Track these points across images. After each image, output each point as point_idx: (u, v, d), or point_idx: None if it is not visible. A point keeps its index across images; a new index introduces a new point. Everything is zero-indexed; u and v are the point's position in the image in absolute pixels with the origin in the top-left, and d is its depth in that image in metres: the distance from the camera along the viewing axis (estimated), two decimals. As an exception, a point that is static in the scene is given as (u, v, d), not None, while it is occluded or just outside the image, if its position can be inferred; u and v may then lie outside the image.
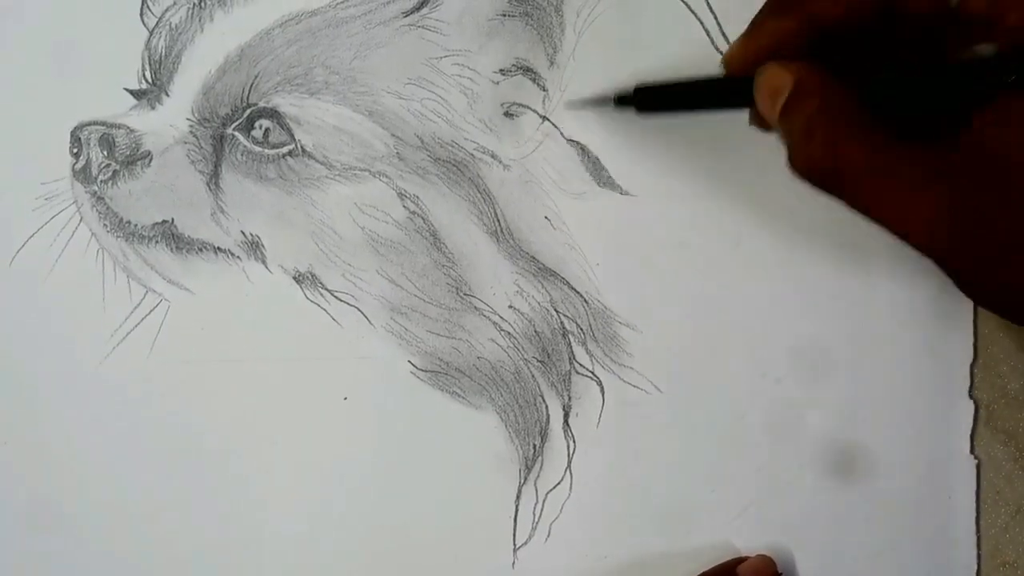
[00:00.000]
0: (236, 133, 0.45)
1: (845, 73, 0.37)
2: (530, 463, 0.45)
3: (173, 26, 0.45)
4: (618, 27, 0.45)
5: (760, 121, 0.39)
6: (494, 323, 0.45)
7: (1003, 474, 0.45)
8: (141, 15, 0.46)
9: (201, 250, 0.46)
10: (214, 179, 0.45)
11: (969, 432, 0.45)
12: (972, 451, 0.45)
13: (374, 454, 0.46)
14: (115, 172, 0.45)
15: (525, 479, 0.45)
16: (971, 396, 0.45)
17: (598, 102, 0.44)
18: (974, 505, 0.45)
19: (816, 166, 0.36)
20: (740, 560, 0.45)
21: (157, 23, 0.45)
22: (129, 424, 0.46)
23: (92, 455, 0.46)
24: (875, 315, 0.45)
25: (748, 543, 0.45)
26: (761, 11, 0.39)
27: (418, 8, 0.45)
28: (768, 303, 0.45)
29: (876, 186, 0.35)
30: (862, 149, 0.35)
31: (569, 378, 0.45)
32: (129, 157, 0.45)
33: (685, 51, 0.45)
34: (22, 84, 0.46)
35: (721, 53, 0.45)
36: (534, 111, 0.45)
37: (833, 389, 0.45)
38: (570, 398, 0.45)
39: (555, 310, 0.45)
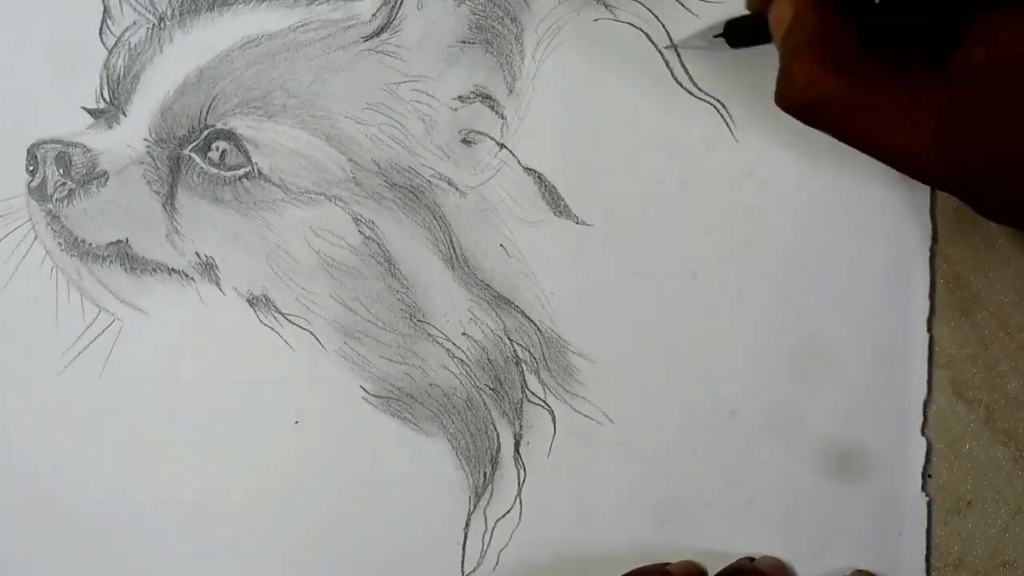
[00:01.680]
0: (193, 154, 0.45)
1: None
2: (480, 491, 0.45)
3: (132, 46, 0.45)
4: (578, 56, 0.45)
5: None
6: (447, 350, 0.45)
7: (1003, 474, 0.44)
8: (100, 34, 0.46)
9: (155, 271, 0.46)
10: (170, 200, 0.45)
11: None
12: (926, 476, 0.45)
13: (324, 479, 0.45)
14: (71, 191, 0.45)
15: (475, 507, 0.45)
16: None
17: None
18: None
19: (792, 101, 0.37)
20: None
21: (116, 42, 0.45)
22: (80, 443, 0.46)
23: (42, 472, 0.46)
24: (825, 355, 0.44)
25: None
26: None
27: (378, 33, 0.45)
28: (721, 336, 0.45)
29: (857, 118, 0.36)
30: (840, 83, 0.36)
31: (521, 407, 0.45)
32: (85, 176, 0.45)
33: (645, 82, 0.45)
34: (-21, 101, 0.46)
35: (680, 84, 0.45)
36: (492, 138, 0.45)
37: (790, 428, 0.45)
38: (521, 427, 0.45)
39: (508, 338, 0.45)
